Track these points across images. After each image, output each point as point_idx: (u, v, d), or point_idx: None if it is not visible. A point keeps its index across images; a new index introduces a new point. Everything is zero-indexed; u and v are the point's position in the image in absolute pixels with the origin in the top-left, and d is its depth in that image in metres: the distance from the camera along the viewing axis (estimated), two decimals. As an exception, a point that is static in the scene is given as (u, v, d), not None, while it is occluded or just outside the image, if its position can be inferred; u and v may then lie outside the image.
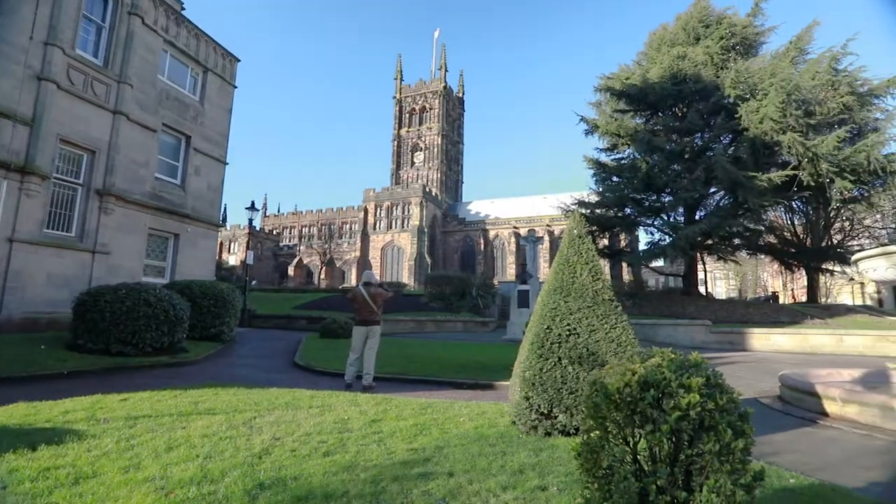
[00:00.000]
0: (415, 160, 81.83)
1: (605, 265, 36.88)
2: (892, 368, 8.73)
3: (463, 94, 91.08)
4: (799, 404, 6.86)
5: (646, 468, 1.91)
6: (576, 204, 28.41)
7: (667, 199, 25.25)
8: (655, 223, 26.68)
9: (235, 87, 18.99)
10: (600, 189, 27.92)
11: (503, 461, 3.90)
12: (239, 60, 19.10)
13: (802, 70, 21.40)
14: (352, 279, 64.34)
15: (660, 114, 26.38)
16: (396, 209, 69.61)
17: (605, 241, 29.86)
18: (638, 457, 1.95)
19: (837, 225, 27.62)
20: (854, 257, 7.39)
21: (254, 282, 42.68)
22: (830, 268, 26.80)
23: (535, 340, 4.54)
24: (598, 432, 1.92)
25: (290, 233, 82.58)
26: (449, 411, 5.79)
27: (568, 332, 4.36)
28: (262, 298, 29.24)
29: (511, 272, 60.35)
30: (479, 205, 77.62)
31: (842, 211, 25.52)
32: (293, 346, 13.81)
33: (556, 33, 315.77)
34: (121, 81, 13.79)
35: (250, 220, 23.78)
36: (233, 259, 70.02)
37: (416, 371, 9.49)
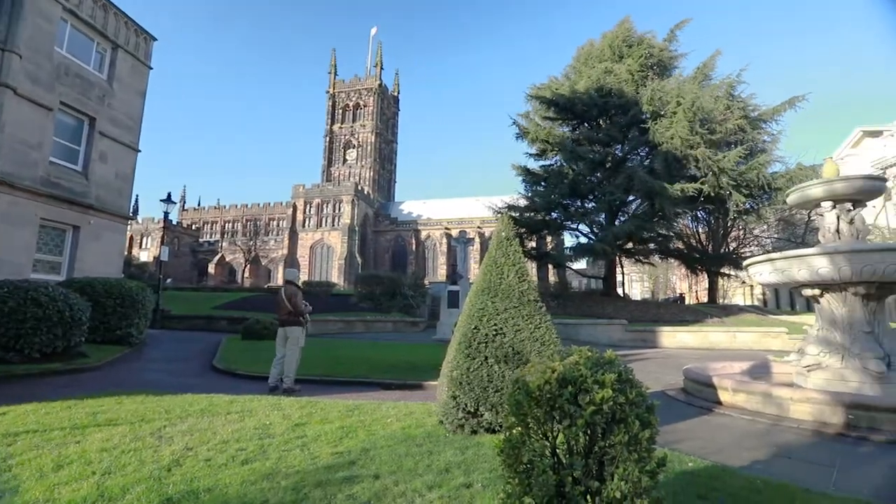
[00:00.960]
0: (347, 157, 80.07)
1: (532, 267, 38.42)
2: (772, 361, 9.87)
3: (398, 93, 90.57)
4: (699, 395, 7.56)
5: (564, 461, 2.01)
6: (506, 207, 29.32)
7: (590, 205, 26.81)
8: (580, 227, 28.24)
9: (151, 69, 17.46)
10: (529, 193, 29.04)
11: (430, 461, 3.92)
12: (155, 39, 17.59)
13: (707, 92, 23.68)
14: (278, 278, 61.63)
15: (585, 124, 27.96)
16: (327, 206, 67.67)
17: (533, 244, 31.09)
18: (557, 451, 2.05)
19: (733, 234, 30.78)
20: (745, 263, 8.27)
21: (169, 280, 39.52)
22: (727, 272, 29.83)
23: (463, 340, 4.61)
24: (519, 429, 1.98)
25: (212, 228, 77.50)
26: (376, 413, 5.73)
27: (495, 332, 4.48)
28: (179, 298, 27.18)
29: (442, 273, 60.95)
30: (411, 205, 77.53)
31: (737, 221, 28.48)
32: (212, 348, 12.96)
33: (496, 41, 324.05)
34: (6, 49, 12.15)
35: (166, 214, 21.91)
36: (145, 255, 64.46)
37: (344, 372, 9.28)
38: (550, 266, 34.52)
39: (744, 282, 38.93)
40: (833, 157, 8.18)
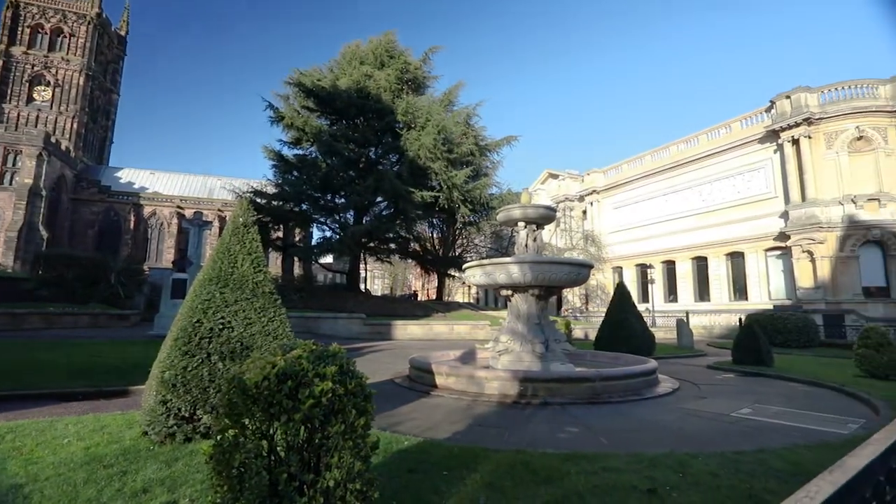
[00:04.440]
0: (36, 96, 59.26)
1: (276, 258, 36.66)
2: (478, 348, 12.00)
3: (127, 32, 72.47)
4: (421, 381, 8.56)
5: (282, 458, 1.93)
6: (252, 192, 27.10)
7: (340, 201, 27.28)
8: (328, 221, 28.36)
9: None
10: (280, 181, 27.62)
11: (122, 483, 3.24)
12: None
13: (450, 116, 27.31)
14: None
15: (344, 121, 28.34)
16: (-9, 156, 48.72)
17: (280, 234, 29.68)
18: (278, 448, 1.96)
19: (459, 241, 36.28)
20: (464, 266, 9.89)
21: None
22: (453, 273, 34.95)
23: (182, 336, 3.99)
24: (233, 431, 1.81)
25: None
26: (46, 433, 4.42)
27: (221, 326, 4.03)
28: None
29: (170, 258, 51.71)
30: (133, 174, 62.82)
31: (462, 231, 33.73)
32: None
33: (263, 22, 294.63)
34: None
35: None
36: None
37: (-4, 384, 6.83)
38: (296, 259, 33.53)
39: (464, 282, 46.41)
40: (529, 189, 10.55)
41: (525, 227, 9.38)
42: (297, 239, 33.13)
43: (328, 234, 29.13)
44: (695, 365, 12.76)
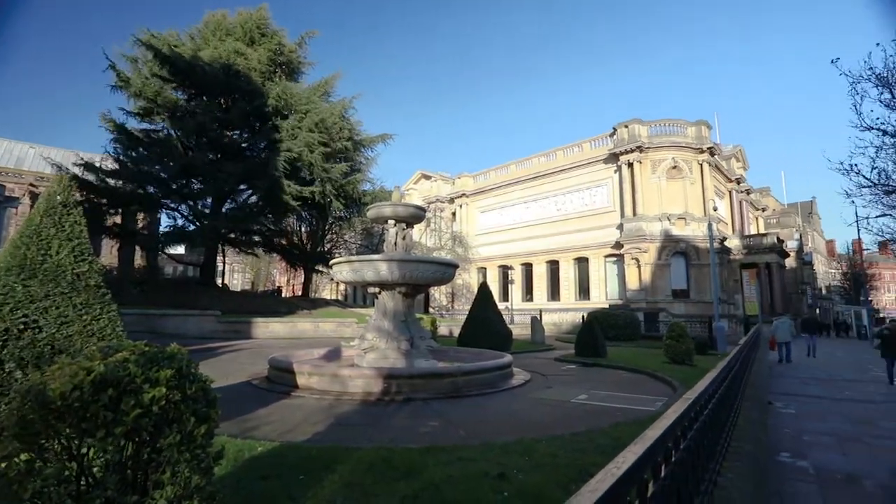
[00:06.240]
0: None
1: (112, 246, 31.43)
2: (343, 346, 11.72)
3: None
4: (281, 381, 8.09)
5: (100, 480, 1.65)
6: (82, 165, 22.78)
7: (198, 187, 24.45)
8: (181, 208, 25.22)
9: None
10: (122, 157, 23.73)
11: None
12: None
13: (327, 107, 26.22)
14: None
15: (205, 97, 25.43)
16: None
17: (118, 219, 25.57)
18: (94, 469, 1.67)
19: (329, 236, 35.07)
20: (332, 262, 9.58)
21: None
22: (321, 269, 33.64)
23: (-37, 339, 3.18)
24: (26, 456, 1.49)
25: None
26: None
27: (23, 326, 3.30)
28: None
29: (-48, 240, 40.92)
30: None
31: (333, 226, 32.69)
32: None
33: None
34: None
35: None
36: None
37: None
38: (139, 248, 29.08)
39: (332, 279, 44.98)
40: (402, 188, 10.66)
41: (395, 225, 9.45)
42: (140, 226, 28.74)
43: (180, 221, 25.86)
44: (545, 358, 14.16)
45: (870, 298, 40.50)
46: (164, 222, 30.61)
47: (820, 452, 5.12)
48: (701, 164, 30.30)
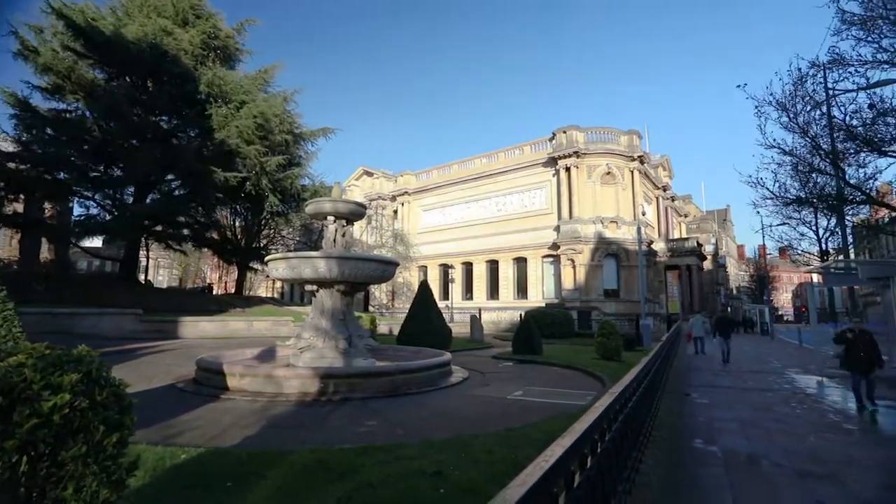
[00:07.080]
0: None
1: (11, 237, 28.24)
2: (279, 346, 11.31)
3: None
4: (210, 383, 7.65)
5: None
6: (-25, 146, 20.27)
7: (117, 174, 22.52)
8: (97, 197, 23.12)
9: None
10: (25, 138, 21.36)
11: None
12: None
13: (267, 98, 25.05)
14: None
15: (127, 78, 23.43)
16: None
17: (20, 207, 22.99)
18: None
19: (265, 232, 33.60)
20: (267, 259, 9.18)
21: None
22: (256, 266, 32.15)
23: None
24: None
25: None
26: None
27: None
28: None
29: None
30: None
31: (269, 221, 31.35)
32: None
33: None
34: None
35: None
36: None
37: None
38: (45, 239, 26.24)
39: (268, 276, 43.13)
40: (343, 184, 10.43)
41: (335, 221, 9.23)
42: (47, 214, 25.95)
43: (96, 211, 23.67)
44: (483, 356, 14.43)
45: (771, 298, 44.91)
46: (78, 212, 27.92)
47: (727, 438, 5.61)
48: (632, 172, 32.21)
